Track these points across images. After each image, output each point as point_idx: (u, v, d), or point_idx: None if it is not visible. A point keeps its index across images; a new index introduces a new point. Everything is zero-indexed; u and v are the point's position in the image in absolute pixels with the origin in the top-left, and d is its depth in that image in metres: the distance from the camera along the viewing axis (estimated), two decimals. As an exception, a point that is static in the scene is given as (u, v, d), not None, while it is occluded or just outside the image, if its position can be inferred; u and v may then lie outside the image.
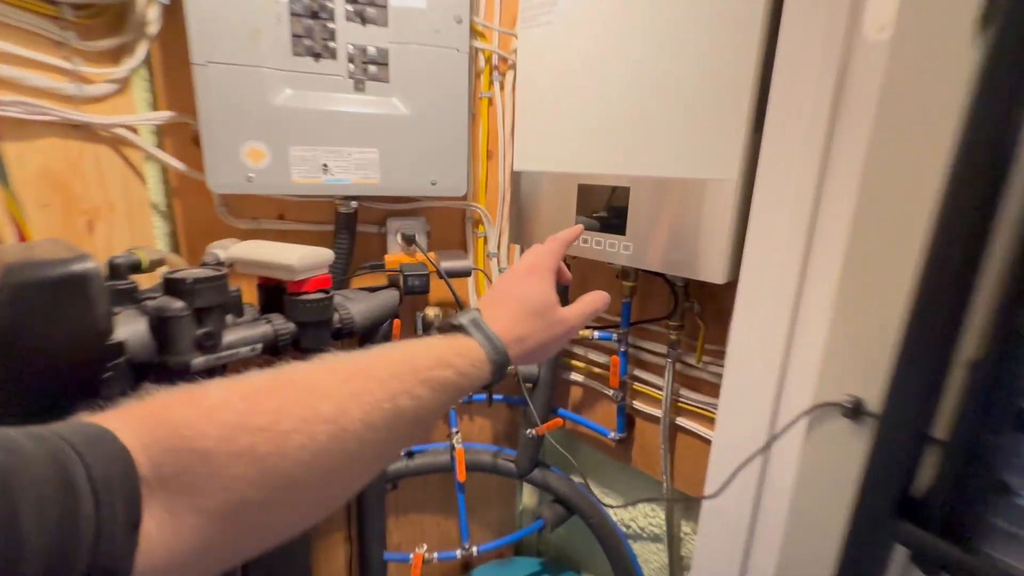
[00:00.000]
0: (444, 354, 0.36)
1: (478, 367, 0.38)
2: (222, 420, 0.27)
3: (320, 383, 0.31)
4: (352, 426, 0.30)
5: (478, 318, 0.41)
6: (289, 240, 0.91)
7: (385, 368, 0.33)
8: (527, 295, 0.45)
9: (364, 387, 0.31)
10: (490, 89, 0.97)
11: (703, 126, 0.65)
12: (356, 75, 0.79)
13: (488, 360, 0.39)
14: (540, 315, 0.44)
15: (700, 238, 0.67)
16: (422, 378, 0.34)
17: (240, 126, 0.74)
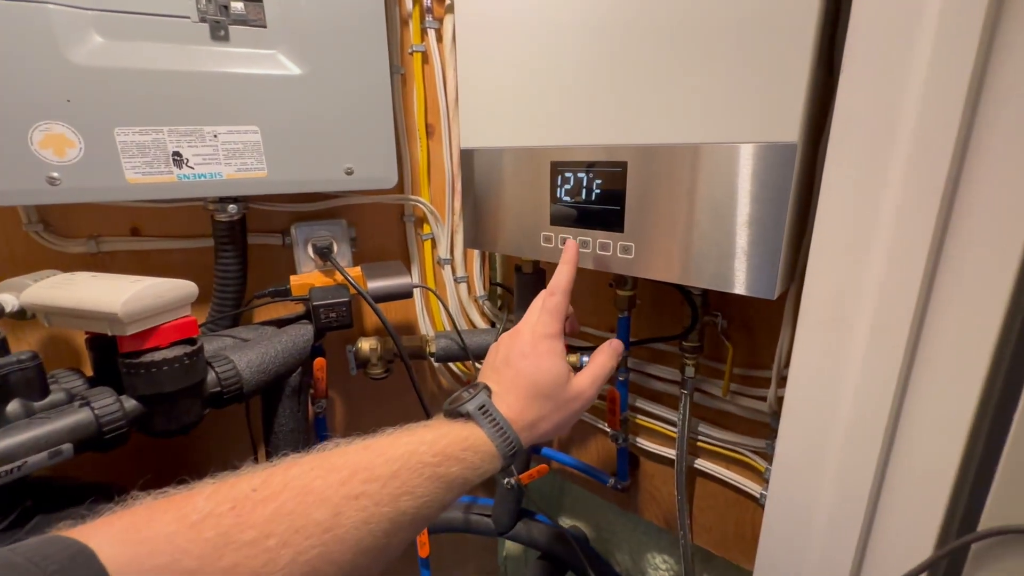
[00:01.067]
0: (450, 448, 0.35)
1: (488, 460, 0.37)
2: (208, 536, 0.26)
3: (316, 486, 0.30)
4: (348, 533, 0.29)
5: (487, 403, 0.39)
6: (151, 266, 0.65)
7: (386, 465, 0.32)
8: (537, 374, 0.42)
9: (363, 489, 0.30)
10: (423, 41, 0.72)
11: (742, 66, 0.42)
12: (211, 15, 0.53)
13: (499, 454, 0.38)
14: (553, 395, 0.42)
15: (739, 234, 0.45)
16: (427, 475, 0.33)
17: (21, 99, 0.47)
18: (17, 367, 0.43)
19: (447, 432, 0.36)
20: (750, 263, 0.45)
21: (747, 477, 0.67)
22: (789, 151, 0.41)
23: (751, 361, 0.62)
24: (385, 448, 0.33)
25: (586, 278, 0.77)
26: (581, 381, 0.45)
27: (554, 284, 0.48)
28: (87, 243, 0.61)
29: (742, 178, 0.43)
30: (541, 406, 0.41)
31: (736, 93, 0.43)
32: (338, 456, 0.32)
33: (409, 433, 0.35)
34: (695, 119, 0.45)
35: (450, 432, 0.36)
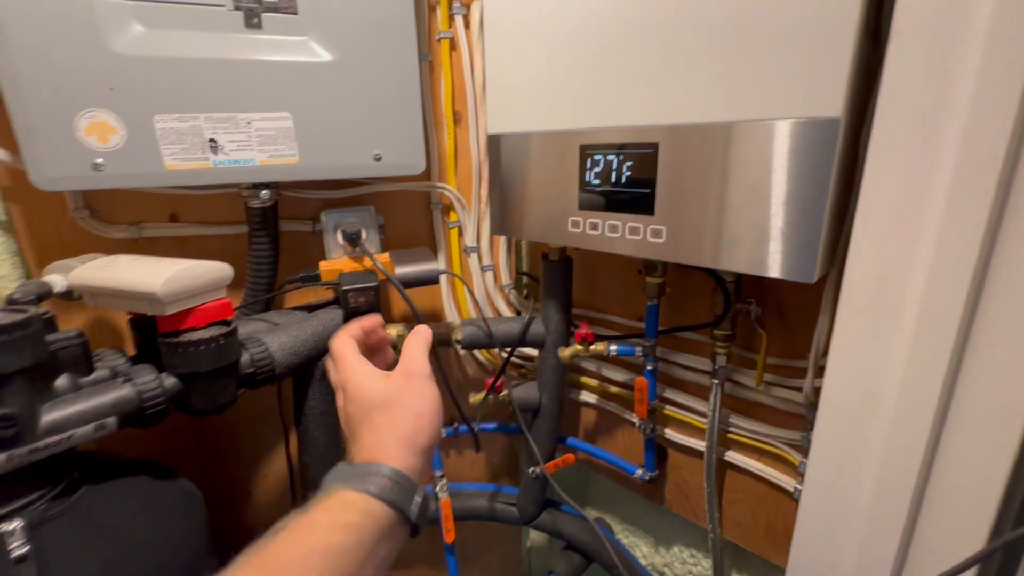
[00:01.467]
0: (325, 521, 0.29)
1: (365, 511, 0.31)
2: None
3: None
4: None
5: (338, 466, 0.35)
6: (189, 251, 0.66)
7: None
8: (355, 394, 0.37)
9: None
10: (450, 27, 0.72)
11: (782, 39, 0.40)
12: (245, 3, 0.53)
13: (367, 493, 0.31)
14: (385, 402, 0.37)
15: (777, 214, 0.43)
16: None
17: (68, 88, 0.49)
18: (65, 344, 0.45)
19: (318, 512, 0.31)
20: (788, 245, 0.43)
21: (780, 470, 0.65)
22: (832, 126, 0.39)
23: (786, 350, 0.60)
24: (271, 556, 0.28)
25: (614, 267, 0.76)
26: (401, 366, 0.40)
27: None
28: (129, 229, 0.63)
29: (780, 156, 0.42)
30: (380, 419, 0.36)
31: (775, 67, 0.41)
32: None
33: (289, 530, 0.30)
34: (730, 96, 0.44)
35: (318, 509, 0.31)
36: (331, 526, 0.29)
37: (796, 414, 0.61)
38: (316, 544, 0.28)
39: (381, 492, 0.31)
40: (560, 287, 0.72)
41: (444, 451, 0.91)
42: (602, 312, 0.80)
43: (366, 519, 0.30)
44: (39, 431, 0.41)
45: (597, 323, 0.80)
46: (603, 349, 0.70)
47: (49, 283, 0.49)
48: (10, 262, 0.62)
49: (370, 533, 0.30)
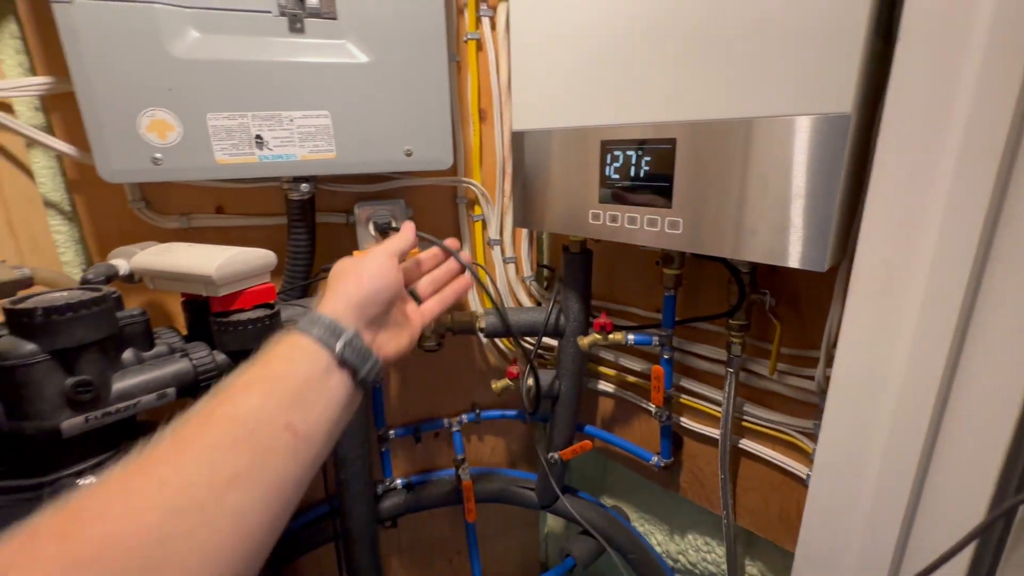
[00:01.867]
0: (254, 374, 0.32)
1: (296, 345, 0.34)
2: None
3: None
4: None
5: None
6: (232, 240, 0.71)
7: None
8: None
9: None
10: (477, 29, 0.75)
11: (794, 37, 0.43)
12: (290, 9, 0.58)
13: (299, 332, 0.34)
14: (342, 271, 0.41)
15: (789, 206, 0.45)
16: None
17: (132, 88, 0.54)
18: (131, 320, 0.50)
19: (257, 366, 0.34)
20: (800, 235, 0.45)
21: (793, 458, 0.66)
22: (843, 122, 0.41)
23: (799, 340, 0.62)
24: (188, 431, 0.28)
25: (632, 257, 0.79)
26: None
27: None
28: (179, 219, 0.68)
29: (794, 151, 0.44)
30: (338, 283, 0.40)
31: (789, 65, 0.43)
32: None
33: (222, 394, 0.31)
34: (746, 93, 0.46)
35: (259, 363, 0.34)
36: (272, 358, 0.33)
37: (809, 402, 0.63)
38: (257, 374, 0.32)
39: (304, 327, 0.35)
40: (580, 278, 0.75)
41: (465, 437, 0.95)
42: (620, 303, 0.83)
43: (294, 349, 0.34)
44: (111, 398, 0.46)
45: (615, 314, 0.83)
46: (621, 338, 0.72)
47: (115, 266, 0.54)
48: (73, 249, 0.67)
49: (299, 358, 0.33)
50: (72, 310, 0.42)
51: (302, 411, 0.30)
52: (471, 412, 0.92)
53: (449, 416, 0.92)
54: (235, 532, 0.25)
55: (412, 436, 0.90)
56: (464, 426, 0.92)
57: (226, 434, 0.27)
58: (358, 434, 0.76)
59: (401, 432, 0.88)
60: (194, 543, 0.23)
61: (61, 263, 0.67)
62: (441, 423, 0.91)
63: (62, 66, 0.52)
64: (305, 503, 0.86)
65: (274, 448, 0.28)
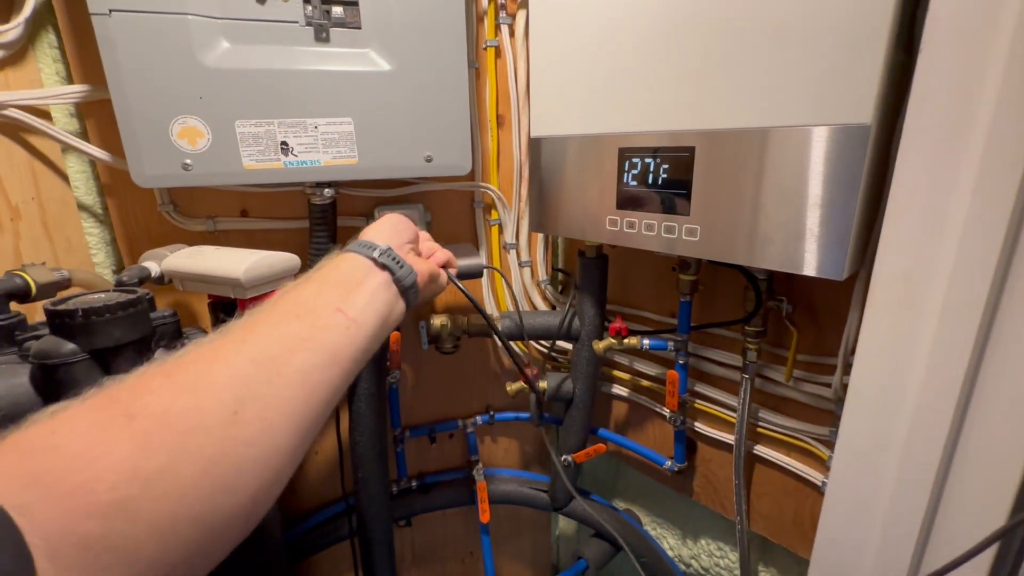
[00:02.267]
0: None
1: (343, 258, 0.39)
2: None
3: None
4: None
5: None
6: (256, 243, 0.74)
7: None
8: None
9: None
10: (496, 36, 0.76)
11: (815, 47, 0.43)
12: (316, 20, 0.59)
13: (345, 251, 0.40)
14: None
15: (808, 215, 0.46)
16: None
17: (165, 96, 0.55)
18: (162, 321, 0.51)
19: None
20: (819, 244, 0.46)
21: (808, 464, 0.67)
22: (862, 133, 0.41)
23: (816, 347, 0.62)
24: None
25: (648, 265, 0.79)
26: None
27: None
28: (206, 222, 0.70)
29: (813, 161, 0.44)
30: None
31: (808, 75, 0.44)
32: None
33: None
34: (765, 103, 0.47)
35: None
36: (321, 266, 0.39)
37: (824, 409, 0.63)
38: (310, 275, 0.37)
39: (348, 248, 0.41)
40: (596, 283, 0.76)
41: (479, 438, 0.96)
42: (635, 308, 0.83)
43: (341, 260, 0.39)
44: (144, 395, 0.47)
45: (630, 319, 0.83)
46: (636, 343, 0.73)
47: (147, 268, 0.56)
48: (104, 251, 0.70)
49: (344, 267, 0.38)
50: (110, 311, 0.43)
51: (351, 299, 0.35)
52: (485, 414, 0.93)
53: (464, 417, 0.93)
54: (303, 385, 0.29)
55: (427, 436, 0.91)
56: (478, 427, 0.93)
57: (289, 311, 0.32)
58: (375, 433, 0.77)
59: (416, 432, 0.90)
60: (272, 389, 0.28)
61: (93, 264, 0.69)
62: (456, 424, 0.92)
63: (97, 74, 0.54)
64: (321, 500, 0.88)
65: (329, 325, 0.33)
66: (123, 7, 0.52)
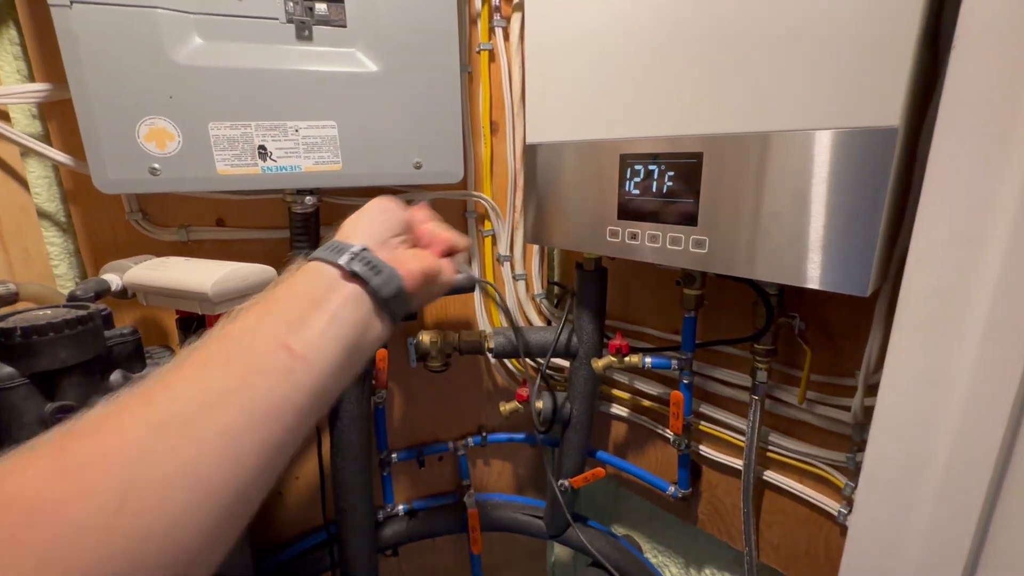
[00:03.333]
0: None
1: (308, 269, 0.31)
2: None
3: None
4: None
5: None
6: (233, 253, 0.69)
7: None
8: None
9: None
10: (490, 39, 0.73)
11: (841, 47, 0.40)
12: (297, 16, 0.55)
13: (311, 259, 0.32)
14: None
15: (829, 225, 0.42)
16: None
17: (131, 95, 0.51)
18: (120, 340, 0.46)
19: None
20: (841, 257, 0.42)
21: (823, 493, 0.62)
22: (890, 136, 0.38)
23: (831, 367, 0.58)
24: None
25: (649, 278, 0.75)
26: None
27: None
28: (178, 232, 0.65)
29: (838, 166, 0.41)
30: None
31: (828, 75, 0.40)
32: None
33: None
34: (779, 105, 0.43)
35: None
36: (277, 283, 0.31)
37: (841, 434, 0.59)
38: (259, 297, 0.30)
39: (313, 255, 0.33)
40: (594, 297, 0.72)
41: (471, 461, 0.91)
42: (636, 324, 0.79)
43: (299, 274, 0.32)
44: (94, 423, 0.42)
45: (631, 335, 0.79)
46: (638, 361, 0.69)
47: (107, 281, 0.51)
48: (67, 262, 0.65)
49: (302, 283, 0.31)
50: (55, 330, 0.39)
51: (301, 329, 0.28)
52: (477, 435, 0.88)
53: (454, 439, 0.88)
54: (225, 454, 0.23)
55: (416, 460, 0.86)
56: (470, 449, 0.88)
57: (218, 352, 0.26)
58: (359, 458, 0.72)
59: (404, 456, 0.84)
60: (179, 461, 0.22)
61: (54, 276, 0.64)
62: (446, 446, 0.87)
63: (61, 73, 0.50)
64: (301, 529, 0.82)
65: (267, 367, 0.26)
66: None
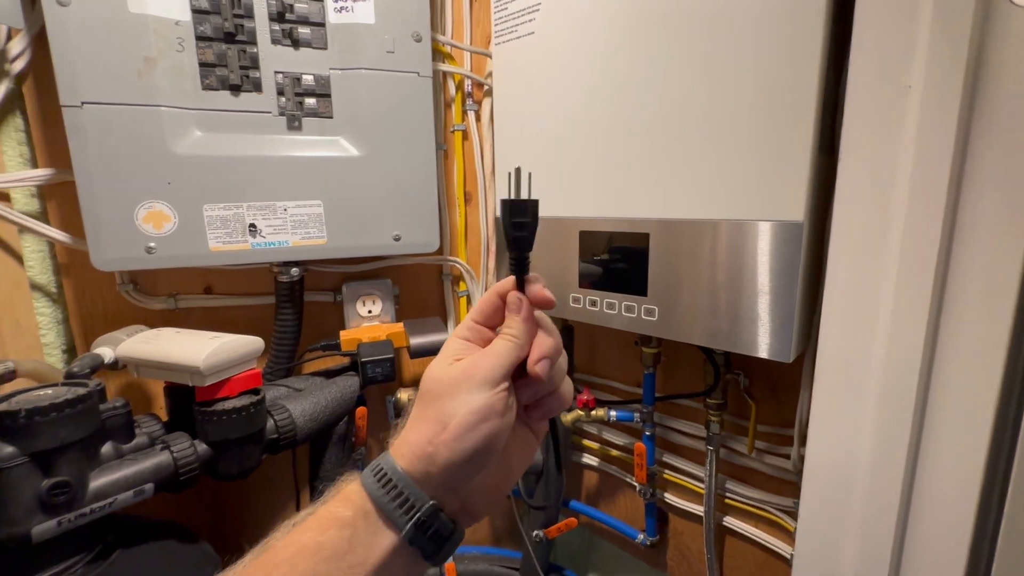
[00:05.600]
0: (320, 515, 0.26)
1: (359, 508, 0.26)
2: None
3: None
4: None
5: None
6: (219, 320, 0.72)
7: None
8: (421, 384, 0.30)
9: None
10: (463, 121, 0.81)
11: (751, 150, 0.48)
12: (289, 110, 0.62)
13: (361, 484, 0.27)
14: (426, 392, 0.29)
15: (753, 302, 0.49)
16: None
17: (132, 183, 0.56)
18: (112, 413, 0.49)
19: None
20: (767, 329, 0.48)
21: (777, 536, 0.67)
22: (797, 229, 0.45)
23: (775, 418, 0.64)
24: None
25: (613, 335, 0.81)
26: (451, 370, 0.29)
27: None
28: (167, 300, 0.68)
29: (759, 252, 0.48)
30: (423, 412, 0.29)
31: (747, 174, 0.48)
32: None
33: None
34: (710, 197, 0.51)
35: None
36: (326, 521, 0.26)
37: (787, 480, 0.64)
38: (307, 542, 0.25)
39: (369, 486, 0.27)
40: (562, 354, 0.77)
41: (449, 513, 0.92)
42: (603, 377, 0.84)
43: (358, 517, 0.26)
44: (87, 497, 0.45)
45: (598, 387, 0.84)
46: (603, 415, 0.74)
47: (101, 356, 0.54)
48: (55, 330, 0.67)
49: (360, 534, 0.26)
50: (56, 410, 0.42)
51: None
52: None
53: (432, 492, 0.90)
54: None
55: (393, 515, 0.87)
56: (447, 503, 0.90)
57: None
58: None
59: (382, 511, 0.86)
60: None
61: (42, 344, 0.66)
62: (423, 500, 0.89)
63: (61, 158, 0.54)
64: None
65: None
66: (96, 99, 0.54)
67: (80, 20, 0.52)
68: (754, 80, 0.47)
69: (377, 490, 0.27)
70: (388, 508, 0.26)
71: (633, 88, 0.55)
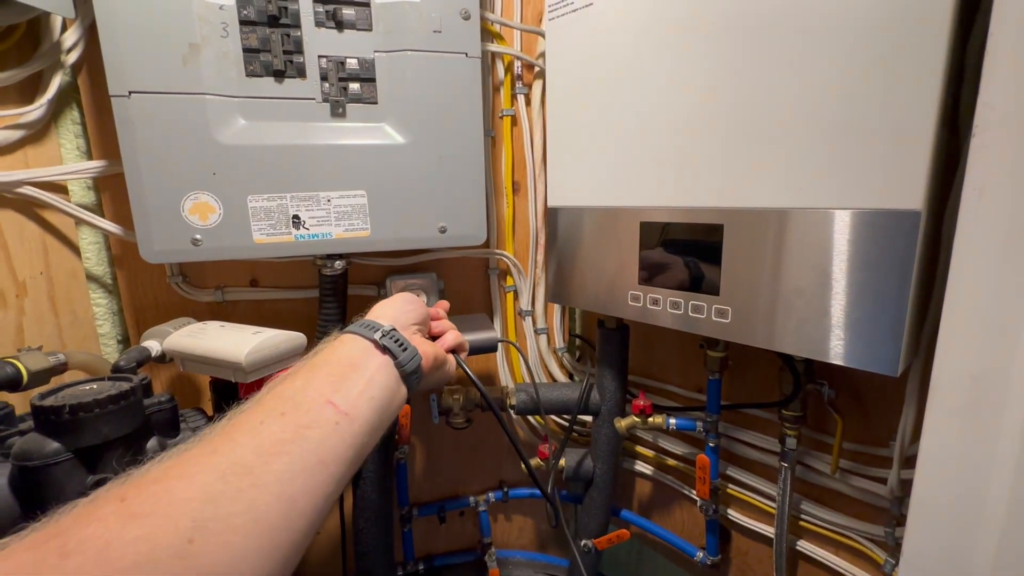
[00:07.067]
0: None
1: (342, 340, 0.36)
2: None
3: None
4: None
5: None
6: (265, 313, 0.72)
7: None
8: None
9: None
10: (512, 105, 0.76)
11: (856, 124, 0.41)
12: (333, 96, 0.59)
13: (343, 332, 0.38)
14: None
15: (855, 304, 0.42)
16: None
17: (178, 173, 0.55)
18: (158, 408, 0.48)
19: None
20: (868, 336, 0.41)
21: (861, 567, 0.59)
22: (913, 219, 0.38)
23: (864, 436, 0.56)
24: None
25: (671, 335, 0.75)
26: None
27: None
28: (215, 293, 0.68)
29: (862, 246, 0.41)
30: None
31: (848, 154, 0.41)
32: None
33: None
34: (800, 183, 0.44)
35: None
36: (318, 350, 0.36)
37: (878, 506, 0.56)
38: (303, 363, 0.34)
39: (349, 329, 0.38)
40: (616, 355, 0.72)
41: (492, 516, 0.90)
42: (659, 380, 0.78)
43: (338, 342, 0.36)
44: (130, 494, 0.44)
45: (653, 391, 0.78)
46: (662, 422, 0.68)
47: (148, 349, 0.54)
48: (111, 321, 0.68)
49: (342, 350, 0.35)
50: (100, 406, 0.41)
51: (344, 388, 0.32)
52: (499, 490, 0.87)
53: (475, 494, 0.87)
54: (281, 495, 0.26)
55: (437, 515, 0.85)
56: (491, 505, 0.87)
57: (273, 408, 0.29)
58: (380, 515, 0.72)
59: (425, 511, 0.84)
60: (243, 503, 0.25)
61: (98, 335, 0.67)
62: (467, 501, 0.86)
63: (116, 150, 0.54)
64: (322, 586, 0.81)
65: (317, 421, 0.30)
66: (142, 88, 0.53)
67: (127, 6, 0.51)
68: (862, 41, 0.39)
69: (354, 327, 0.37)
70: (361, 331, 0.37)
71: (703, 53, 0.48)
